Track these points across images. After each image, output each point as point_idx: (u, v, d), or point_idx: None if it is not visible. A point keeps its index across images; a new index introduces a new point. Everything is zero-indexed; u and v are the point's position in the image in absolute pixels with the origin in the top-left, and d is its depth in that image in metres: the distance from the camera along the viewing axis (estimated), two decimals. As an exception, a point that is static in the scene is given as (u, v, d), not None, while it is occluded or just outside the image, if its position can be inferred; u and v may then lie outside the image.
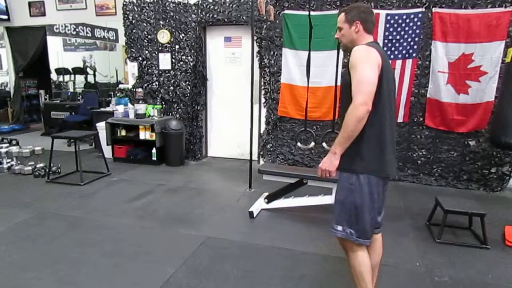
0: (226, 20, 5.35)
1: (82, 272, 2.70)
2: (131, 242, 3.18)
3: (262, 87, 5.36)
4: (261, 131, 5.47)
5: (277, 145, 5.41)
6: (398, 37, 4.58)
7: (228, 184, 4.79)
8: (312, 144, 4.35)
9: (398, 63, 4.63)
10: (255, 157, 5.41)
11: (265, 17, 4.89)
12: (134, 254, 2.97)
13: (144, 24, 5.73)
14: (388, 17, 4.54)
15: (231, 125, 5.87)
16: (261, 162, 5.54)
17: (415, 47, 4.56)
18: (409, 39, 4.56)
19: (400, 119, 4.77)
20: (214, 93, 5.93)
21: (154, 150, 5.50)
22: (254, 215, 3.71)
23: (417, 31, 4.52)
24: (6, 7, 7.38)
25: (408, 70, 4.63)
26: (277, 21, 5.00)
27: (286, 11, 4.94)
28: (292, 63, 5.05)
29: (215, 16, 5.37)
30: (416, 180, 4.90)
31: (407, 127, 4.82)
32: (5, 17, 7.44)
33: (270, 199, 3.89)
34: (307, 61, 4.57)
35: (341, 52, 4.57)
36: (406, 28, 4.54)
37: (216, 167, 5.60)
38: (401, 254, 3.00)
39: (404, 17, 4.52)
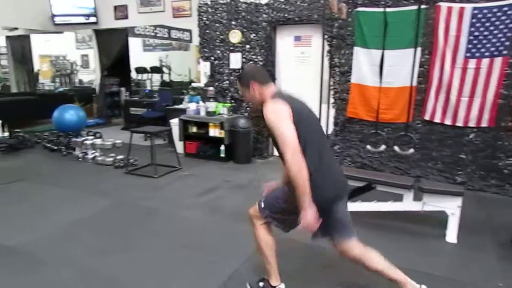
0: (296, 19, 5.32)
1: (153, 260, 2.86)
2: (198, 235, 3.30)
3: (331, 87, 5.24)
4: (329, 132, 5.35)
5: (344, 147, 5.26)
6: (486, 33, 4.16)
7: (293, 184, 4.75)
8: (383, 147, 4.17)
9: (484, 62, 4.22)
10: (321, 158, 5.31)
11: (337, 15, 4.77)
12: (201, 247, 3.08)
13: (217, 25, 5.91)
14: (475, 11, 4.16)
15: (298, 125, 5.82)
16: (328, 163, 5.42)
17: (507, 43, 4.12)
18: (500, 35, 4.12)
19: (484, 124, 4.36)
20: (282, 93, 5.92)
21: (222, 147, 5.66)
22: (319, 217, 3.64)
23: (510, 25, 4.08)
24: (96, 11, 8.06)
25: (497, 70, 4.20)
26: (349, 19, 4.85)
27: (360, 9, 4.77)
28: (363, 62, 4.86)
29: (286, 15, 5.37)
30: (501, 191, 4.45)
31: (492, 133, 4.39)
32: (94, 20, 8.14)
33: (336, 202, 3.78)
34: (380, 60, 4.39)
35: (419, 50, 4.32)
36: (497, 23, 4.11)
37: (282, 167, 5.59)
38: (479, 272, 2.75)
39: (495, 10, 4.10)
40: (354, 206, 3.73)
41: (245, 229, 3.39)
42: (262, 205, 2.27)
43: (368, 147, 4.53)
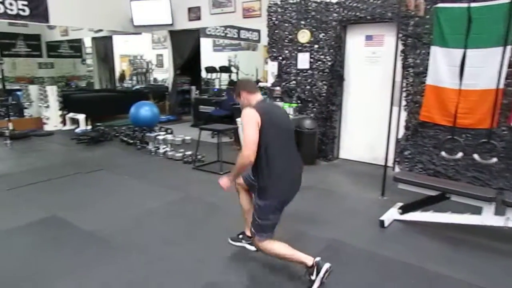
0: (369, 17, 5.12)
1: (215, 254, 2.94)
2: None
3: (404, 89, 4.97)
4: (399, 136, 5.08)
5: (416, 153, 4.96)
6: None
7: (359, 188, 4.60)
8: (460, 154, 3.86)
9: None
10: (390, 163, 5.06)
11: (413, 13, 4.51)
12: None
13: (286, 25, 5.90)
14: None
15: (366, 128, 5.62)
16: (397, 169, 5.16)
17: None
18: None
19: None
20: (350, 94, 5.76)
21: (286, 147, 5.64)
22: (385, 225, 3.48)
23: None
24: (172, 13, 8.50)
25: None
26: (427, 16, 4.56)
27: (439, 5, 4.44)
28: (441, 63, 4.53)
29: (357, 14, 5.19)
30: None
31: None
32: (170, 22, 8.58)
33: (405, 210, 3.59)
34: (461, 60, 4.07)
35: (509, 48, 3.92)
36: None
37: (347, 169, 5.45)
38: None
39: None
40: (424, 215, 3.52)
41: (307, 231, 3.36)
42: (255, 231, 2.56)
43: (443, 153, 4.22)
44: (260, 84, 7.20)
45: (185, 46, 9.27)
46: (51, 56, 12.37)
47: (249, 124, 2.35)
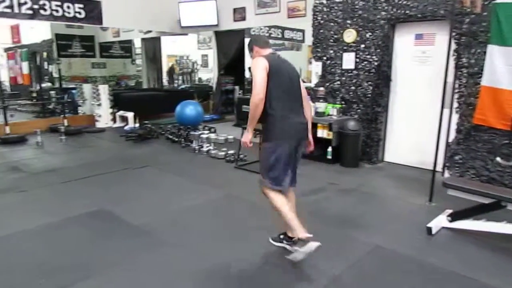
0: (419, 15, 4.92)
1: (255, 254, 2.95)
2: (301, 235, 3.30)
3: (456, 90, 4.72)
4: (450, 140, 4.84)
5: (468, 158, 4.70)
6: None
7: (405, 193, 4.43)
8: (518, 160, 3.61)
9: None
10: (439, 168, 4.83)
11: (469, 10, 4.28)
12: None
13: (331, 24, 5.81)
14: None
15: (414, 131, 5.40)
16: (446, 174, 4.91)
17: None
18: None
19: None
20: (397, 95, 5.56)
21: (329, 149, 5.56)
22: (433, 232, 3.32)
23: None
24: (217, 14, 8.65)
25: None
26: (484, 13, 4.30)
27: (498, 0, 4.18)
28: (499, 62, 4.25)
29: (407, 12, 5.00)
30: None
31: None
32: (215, 22, 8.74)
33: (454, 217, 3.41)
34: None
35: None
36: None
37: (393, 173, 5.27)
38: None
39: None
40: (476, 224, 3.32)
41: (350, 235, 3.29)
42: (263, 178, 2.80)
43: (498, 159, 3.98)
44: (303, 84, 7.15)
45: (230, 46, 9.39)
46: (104, 56, 13.01)
47: (258, 69, 2.63)
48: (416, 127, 5.37)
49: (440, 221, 3.46)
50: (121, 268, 2.75)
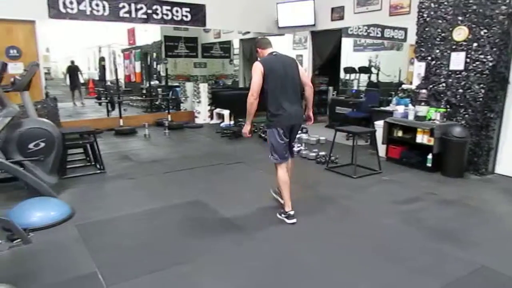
0: (550, 9, 4.29)
1: (343, 256, 2.88)
2: (392, 244, 3.14)
3: None
4: None
5: None
6: None
7: (519, 211, 3.91)
8: None
9: None
10: None
11: None
12: (392, 256, 2.92)
13: (439, 21, 5.37)
14: None
15: (535, 140, 4.73)
16: None
17: None
18: None
19: None
20: (516, 99, 4.93)
21: (430, 156, 5.15)
22: (555, 259, 2.88)
23: None
24: (314, 14, 8.59)
25: None
26: None
27: None
28: None
29: (534, 5, 4.40)
30: None
31: None
32: (312, 22, 8.70)
33: None
34: None
35: None
36: None
37: (505, 187, 4.68)
38: None
39: None
40: None
41: (448, 250, 3.02)
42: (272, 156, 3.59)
43: None
44: (404, 86, 6.74)
45: (326, 46, 9.25)
46: (205, 57, 13.83)
47: (254, 74, 3.30)
48: (538, 136, 4.70)
49: None
50: (211, 257, 2.91)
